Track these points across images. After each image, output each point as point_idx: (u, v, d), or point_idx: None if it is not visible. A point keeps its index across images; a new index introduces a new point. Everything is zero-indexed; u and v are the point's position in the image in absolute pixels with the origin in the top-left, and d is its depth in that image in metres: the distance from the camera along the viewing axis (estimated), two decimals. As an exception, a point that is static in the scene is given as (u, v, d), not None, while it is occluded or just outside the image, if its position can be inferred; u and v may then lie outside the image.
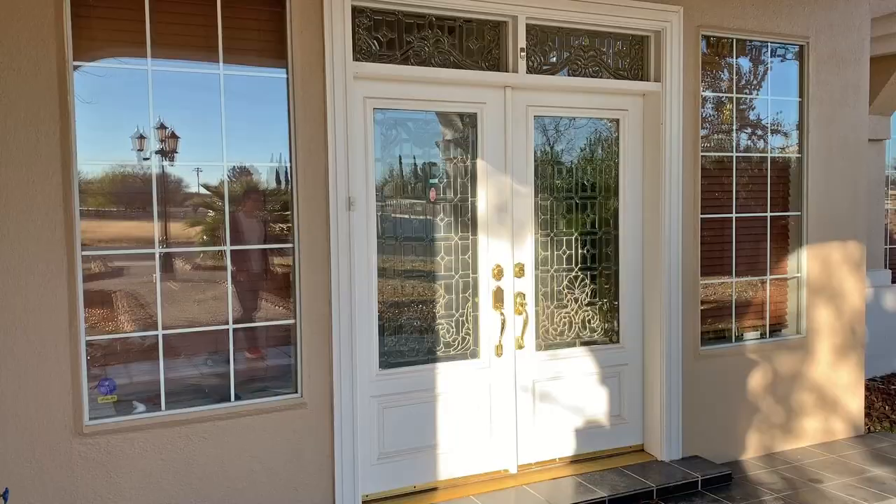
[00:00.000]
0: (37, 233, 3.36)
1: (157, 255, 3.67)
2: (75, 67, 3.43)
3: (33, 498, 3.40)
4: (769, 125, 5.23)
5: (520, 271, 4.53)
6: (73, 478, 3.46)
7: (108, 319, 3.62)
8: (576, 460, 4.75)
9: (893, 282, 7.82)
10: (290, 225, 3.89)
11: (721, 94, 5.04)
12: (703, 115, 4.96)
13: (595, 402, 4.81)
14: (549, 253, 4.68)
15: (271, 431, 3.82)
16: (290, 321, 3.92)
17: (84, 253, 3.50)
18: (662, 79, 4.71)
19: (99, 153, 3.53)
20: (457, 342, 4.44)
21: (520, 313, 4.53)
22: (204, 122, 3.72)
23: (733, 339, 5.15)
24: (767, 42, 5.14)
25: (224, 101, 3.73)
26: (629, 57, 4.77)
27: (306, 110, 3.82)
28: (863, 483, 4.63)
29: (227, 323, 3.80)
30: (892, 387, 6.89)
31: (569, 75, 4.58)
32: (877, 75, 6.64)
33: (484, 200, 4.43)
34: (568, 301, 4.75)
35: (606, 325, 4.87)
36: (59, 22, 3.34)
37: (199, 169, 3.75)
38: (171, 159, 3.68)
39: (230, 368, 3.81)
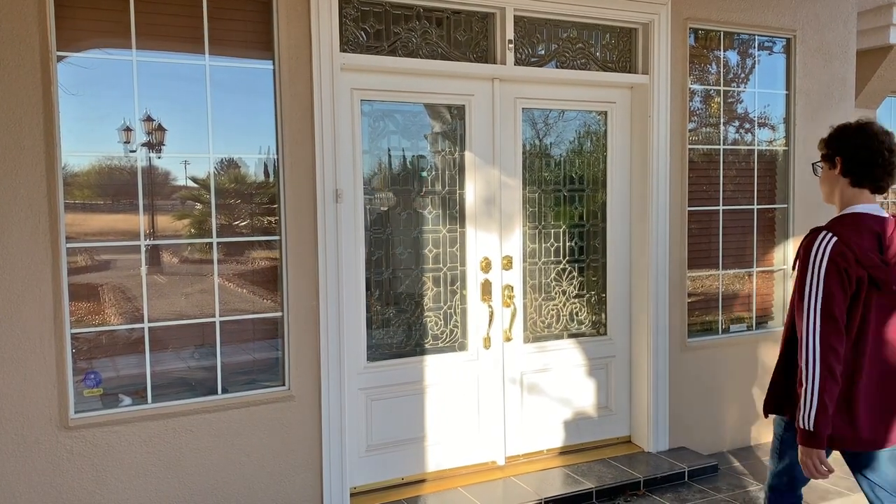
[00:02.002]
0: (20, 225, 3.33)
1: (143, 248, 3.64)
2: (59, 58, 3.40)
3: (19, 491, 3.38)
4: (756, 118, 5.25)
5: (508, 264, 4.53)
6: (60, 471, 3.45)
7: (93, 312, 3.59)
8: (564, 452, 4.77)
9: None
10: (277, 217, 3.88)
11: (709, 87, 5.05)
12: (691, 107, 4.97)
13: (583, 394, 4.83)
14: (537, 245, 4.68)
15: (259, 424, 3.81)
16: (278, 314, 3.91)
17: (69, 245, 3.47)
18: (650, 71, 4.71)
19: (84, 145, 3.50)
20: (445, 334, 4.45)
21: (508, 306, 4.53)
22: (190, 114, 3.70)
23: (720, 331, 5.18)
24: (755, 35, 5.15)
25: (210, 92, 3.71)
26: (617, 49, 4.77)
27: (293, 102, 3.80)
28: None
29: (214, 315, 3.79)
30: (877, 378, 6.95)
31: (557, 67, 4.58)
32: (863, 69, 6.68)
33: (472, 193, 4.43)
34: (556, 293, 4.76)
35: (594, 318, 4.88)
36: (43, 11, 3.30)
37: (187, 161, 3.73)
38: (158, 151, 3.66)
39: (217, 361, 3.80)
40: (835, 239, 2.54)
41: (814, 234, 2.61)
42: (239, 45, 3.78)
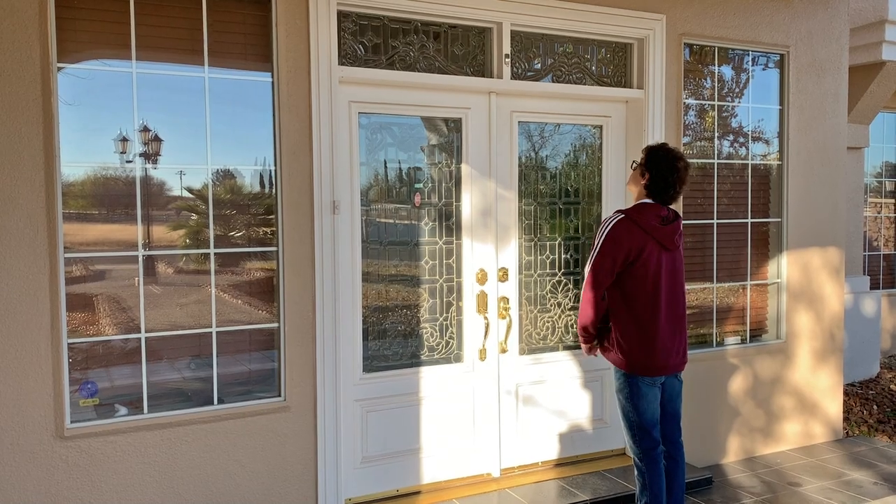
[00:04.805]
0: (19, 234, 3.34)
1: (140, 258, 3.66)
2: (59, 69, 3.42)
3: (14, 501, 3.37)
4: (750, 132, 5.29)
5: (503, 276, 4.55)
6: (55, 481, 3.44)
7: (90, 322, 3.60)
8: (559, 464, 4.77)
9: (872, 288, 7.93)
10: (274, 229, 3.90)
11: (703, 102, 5.10)
12: (686, 122, 5.02)
13: (577, 406, 4.84)
14: (532, 257, 4.71)
15: (254, 435, 3.81)
16: (274, 325, 3.92)
17: (66, 255, 3.48)
18: (645, 86, 4.76)
19: (82, 155, 3.52)
20: (441, 346, 4.46)
21: (503, 317, 4.55)
22: (188, 125, 3.72)
23: (714, 344, 5.20)
24: (749, 50, 5.21)
25: (209, 104, 3.73)
26: (612, 64, 4.82)
27: (291, 114, 3.83)
28: (841, 486, 4.69)
29: (210, 326, 3.79)
30: (871, 392, 6.98)
31: (553, 82, 4.62)
32: (856, 84, 6.75)
33: (468, 205, 4.45)
34: (551, 305, 4.78)
35: (589, 330, 4.89)
36: (44, 23, 3.33)
37: (183, 172, 3.74)
38: (155, 162, 3.67)
39: (213, 372, 3.80)
40: (622, 216, 3.51)
41: (611, 216, 3.56)
42: (238, 57, 3.81)
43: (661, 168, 3.53)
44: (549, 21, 4.46)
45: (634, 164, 3.68)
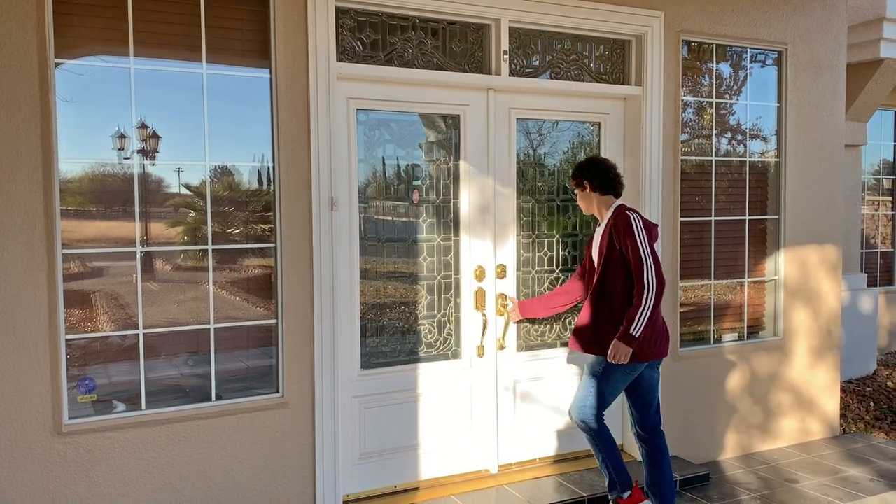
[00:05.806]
0: (16, 231, 3.34)
1: (138, 255, 3.65)
2: (57, 65, 3.41)
3: (11, 497, 3.38)
4: (748, 130, 5.30)
5: (502, 272, 4.55)
6: (52, 477, 3.44)
7: (87, 319, 3.60)
8: (556, 460, 4.78)
9: (869, 285, 7.94)
10: (272, 225, 3.90)
11: (701, 99, 5.10)
12: (684, 119, 5.02)
13: (575, 403, 4.84)
14: (530, 254, 4.71)
15: (252, 431, 3.82)
16: (272, 321, 3.92)
17: (64, 252, 3.48)
18: (643, 83, 4.76)
19: (79, 152, 3.51)
20: (438, 343, 4.46)
21: (501, 314, 4.55)
22: (186, 122, 3.71)
23: (712, 341, 5.21)
24: (747, 48, 5.21)
25: (207, 100, 3.72)
26: (611, 61, 4.82)
27: (289, 110, 3.83)
28: (837, 483, 4.70)
29: (208, 323, 3.79)
30: (868, 389, 6.99)
31: (551, 78, 4.62)
32: (853, 82, 6.75)
33: (466, 202, 4.45)
34: (549, 302, 4.78)
35: (587, 327, 4.90)
36: (41, 19, 3.32)
37: (181, 169, 3.74)
38: (153, 159, 3.67)
39: (211, 368, 3.80)
40: (637, 213, 3.80)
41: (626, 215, 3.76)
42: (236, 53, 3.81)
43: (592, 170, 3.95)
44: (547, 18, 4.46)
45: (574, 191, 4.09)
